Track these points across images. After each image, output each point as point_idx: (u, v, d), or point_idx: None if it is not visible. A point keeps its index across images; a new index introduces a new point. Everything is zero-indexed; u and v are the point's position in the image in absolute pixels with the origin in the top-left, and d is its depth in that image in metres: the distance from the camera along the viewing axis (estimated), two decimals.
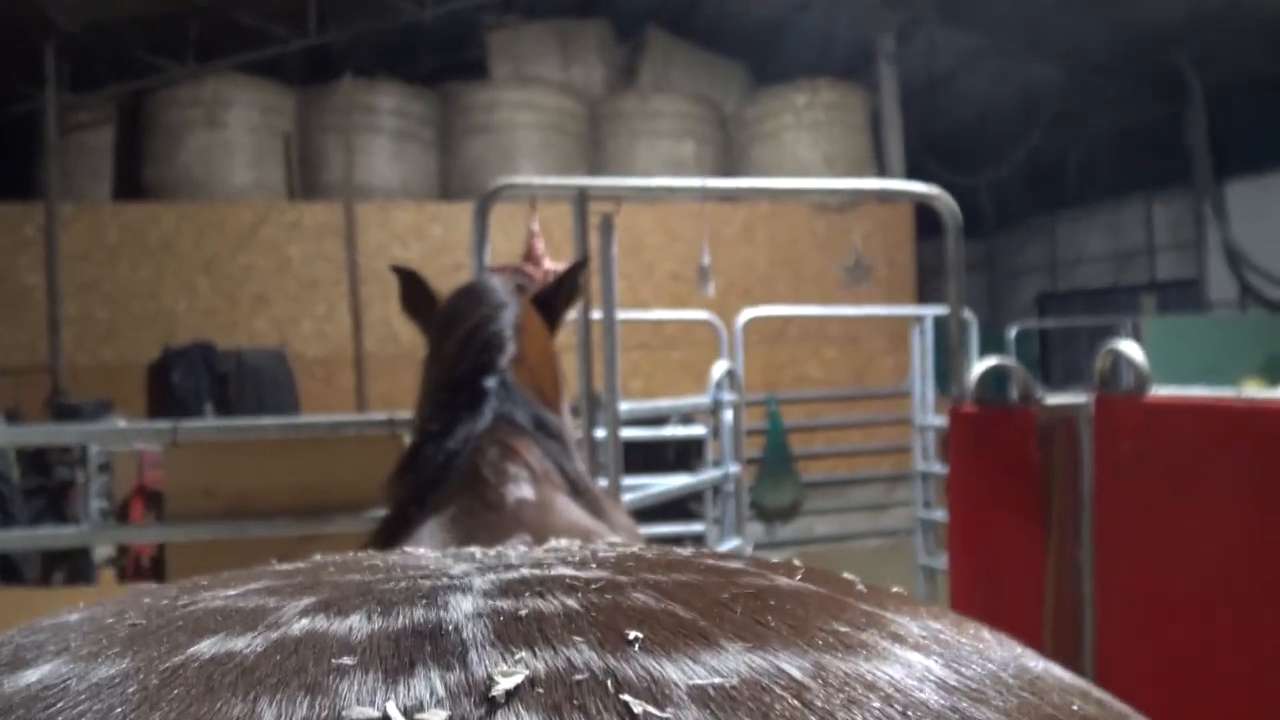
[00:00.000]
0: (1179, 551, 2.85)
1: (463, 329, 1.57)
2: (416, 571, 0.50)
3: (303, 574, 0.51)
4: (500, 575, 0.48)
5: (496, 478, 1.25)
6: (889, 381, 10.49)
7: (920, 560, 6.13)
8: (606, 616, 0.42)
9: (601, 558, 0.52)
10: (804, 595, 0.47)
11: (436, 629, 0.41)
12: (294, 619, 0.43)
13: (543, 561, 0.51)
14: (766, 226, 10.19)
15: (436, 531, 1.17)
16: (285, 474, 2.76)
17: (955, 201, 3.41)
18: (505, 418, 1.40)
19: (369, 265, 9.11)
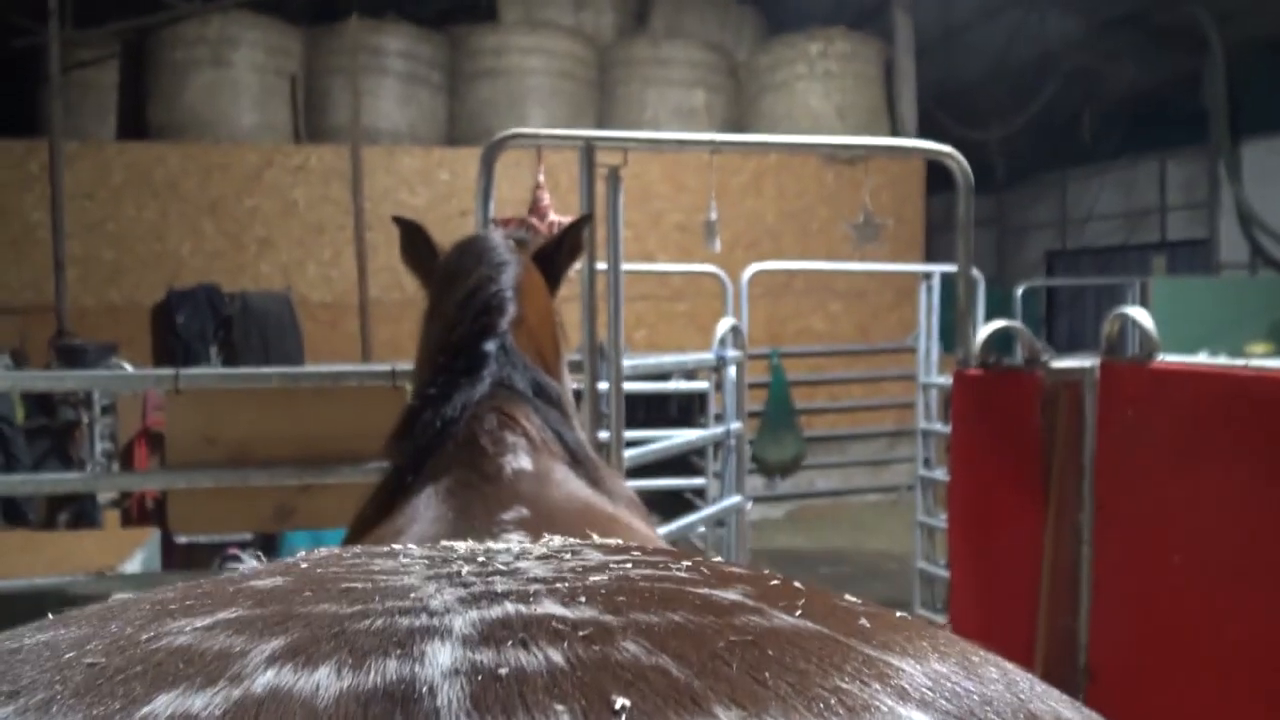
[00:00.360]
0: (1181, 519, 2.85)
1: (462, 288, 1.54)
2: (395, 603, 0.47)
3: (276, 600, 0.48)
4: (484, 613, 0.45)
5: (494, 447, 1.24)
6: (894, 336, 10.46)
7: (920, 517, 6.15)
8: (593, 677, 0.39)
9: (592, 587, 0.49)
10: (805, 640, 0.44)
11: (409, 692, 0.38)
12: (259, 669, 0.40)
13: (528, 593, 0.48)
14: (775, 178, 10.10)
15: (432, 502, 1.16)
16: (287, 423, 2.76)
17: (967, 160, 3.37)
18: (504, 383, 1.38)
19: (375, 210, 9.05)
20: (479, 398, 1.33)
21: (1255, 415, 2.63)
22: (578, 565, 0.54)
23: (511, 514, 1.05)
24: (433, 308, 1.69)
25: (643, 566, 0.54)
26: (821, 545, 8.96)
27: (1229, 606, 2.68)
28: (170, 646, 0.43)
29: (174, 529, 2.78)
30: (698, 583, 0.51)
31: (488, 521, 1.04)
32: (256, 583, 0.52)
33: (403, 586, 0.50)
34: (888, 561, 8.23)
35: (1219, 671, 2.69)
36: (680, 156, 9.57)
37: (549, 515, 1.08)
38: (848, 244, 10.13)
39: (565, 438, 1.34)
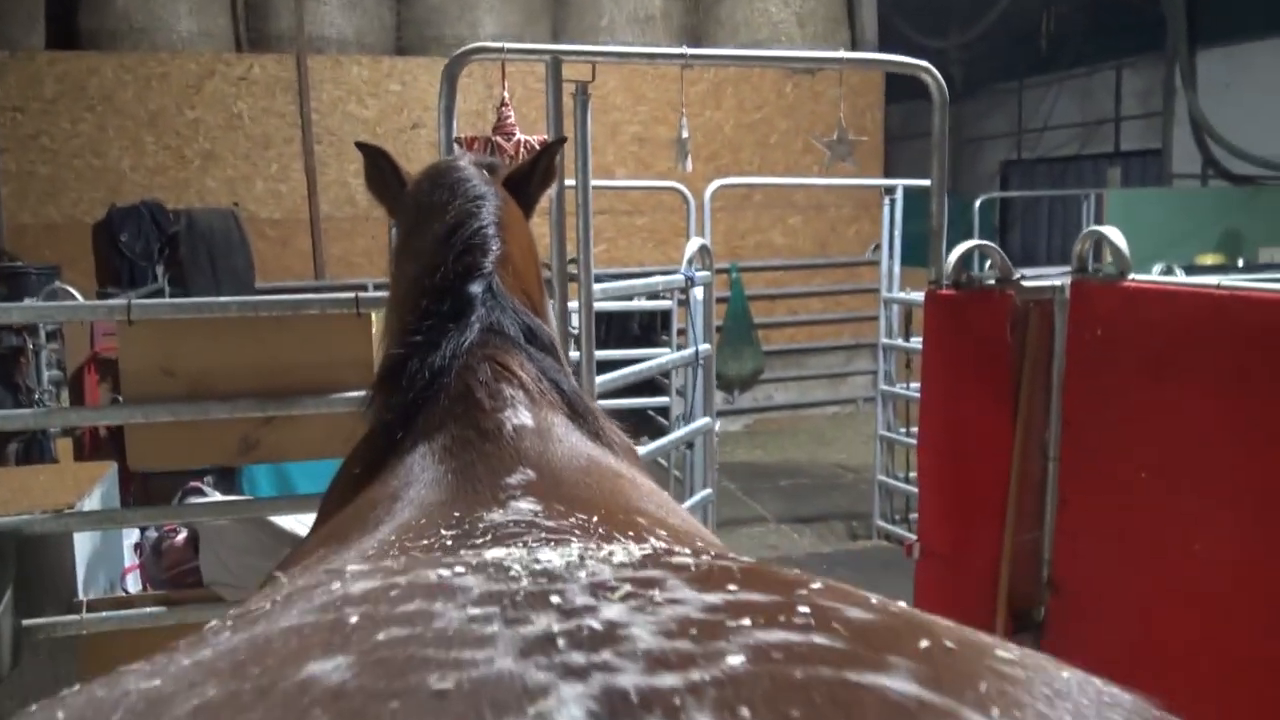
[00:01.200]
0: (1148, 437, 2.88)
1: (440, 224, 1.46)
2: (510, 712, 0.37)
3: (361, 692, 0.39)
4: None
5: (492, 401, 1.17)
6: (853, 250, 10.45)
7: (880, 431, 6.22)
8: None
9: (739, 681, 0.39)
10: None
11: None
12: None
13: (672, 702, 0.38)
14: (734, 89, 9.92)
15: (429, 462, 1.10)
16: (247, 353, 2.67)
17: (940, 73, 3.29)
18: (494, 329, 1.31)
19: (323, 123, 8.77)
20: (469, 345, 1.26)
21: (1225, 334, 2.64)
22: (685, 620, 0.45)
23: (517, 477, 1.00)
24: (405, 243, 1.60)
25: (765, 624, 0.45)
26: (780, 458, 9.06)
27: (1194, 522, 2.73)
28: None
29: (133, 465, 2.70)
30: (852, 661, 0.42)
31: (492, 486, 0.98)
32: (315, 668, 0.42)
33: (504, 681, 0.40)
34: (845, 474, 8.36)
35: (1183, 585, 2.75)
36: (638, 68, 9.35)
37: (554, 476, 1.03)
38: (808, 156, 10.05)
39: (563, 387, 1.28)
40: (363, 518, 1.00)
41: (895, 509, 6.46)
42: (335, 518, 1.13)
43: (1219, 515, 2.65)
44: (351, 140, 8.48)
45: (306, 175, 8.63)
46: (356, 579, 0.53)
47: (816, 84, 9.98)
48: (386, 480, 1.11)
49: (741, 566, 0.56)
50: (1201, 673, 2.66)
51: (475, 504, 0.91)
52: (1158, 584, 2.85)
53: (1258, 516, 2.53)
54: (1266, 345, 2.52)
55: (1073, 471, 3.18)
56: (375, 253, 8.76)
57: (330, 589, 0.53)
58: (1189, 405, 2.75)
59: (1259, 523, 2.53)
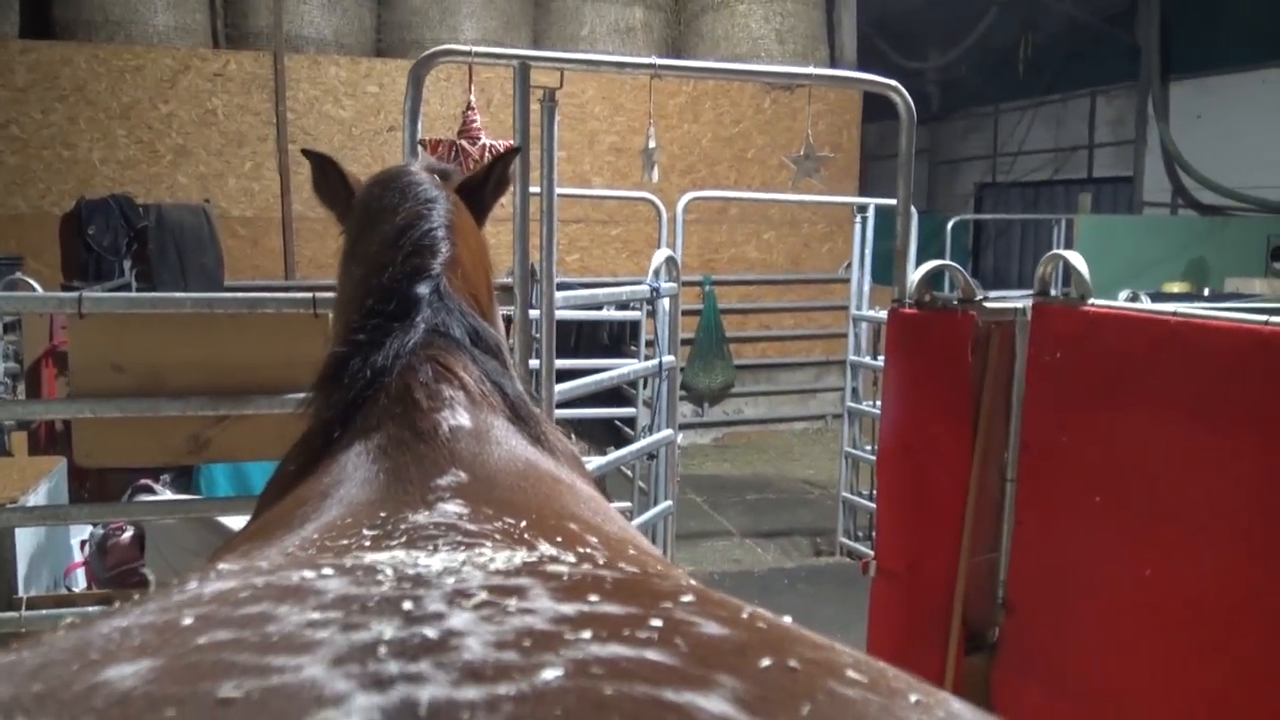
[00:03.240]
0: (1104, 460, 2.90)
1: (389, 226, 1.45)
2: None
3: (144, 698, 0.38)
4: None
5: (430, 402, 1.16)
6: (826, 267, 10.49)
7: (845, 448, 6.23)
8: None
9: (539, 697, 0.39)
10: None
11: None
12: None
13: (461, 711, 0.38)
14: (713, 103, 9.95)
15: (362, 461, 1.08)
16: (201, 350, 2.64)
17: (905, 90, 3.31)
18: (440, 330, 1.29)
19: (299, 122, 8.70)
20: (412, 346, 1.25)
21: (1180, 361, 2.66)
22: (525, 631, 0.45)
23: (448, 479, 0.98)
24: (353, 247, 1.58)
25: (605, 638, 0.45)
26: (748, 472, 9.06)
27: (1146, 545, 2.74)
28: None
29: (80, 460, 2.65)
30: (676, 677, 0.41)
31: (422, 487, 0.96)
32: (113, 672, 0.41)
33: (301, 691, 0.39)
34: (812, 490, 8.37)
35: (1134, 608, 2.77)
36: (617, 77, 9.35)
37: (488, 479, 1.01)
38: (784, 172, 10.08)
39: (506, 390, 1.27)
40: (290, 515, 0.98)
41: (859, 526, 6.46)
42: (265, 515, 1.11)
43: (1172, 540, 2.66)
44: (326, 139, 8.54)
45: (280, 174, 8.56)
46: (219, 579, 0.52)
47: (795, 100, 10.03)
48: (319, 478, 1.09)
49: (620, 577, 0.55)
50: (1153, 695, 2.67)
51: (402, 504, 0.90)
52: (1111, 608, 2.86)
53: (1210, 542, 2.55)
54: (1220, 372, 2.54)
55: (1029, 493, 3.19)
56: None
57: (185, 588, 0.52)
58: (1144, 430, 2.77)
59: (1211, 548, 2.54)
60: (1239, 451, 2.49)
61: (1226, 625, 2.50)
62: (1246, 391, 2.47)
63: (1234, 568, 2.48)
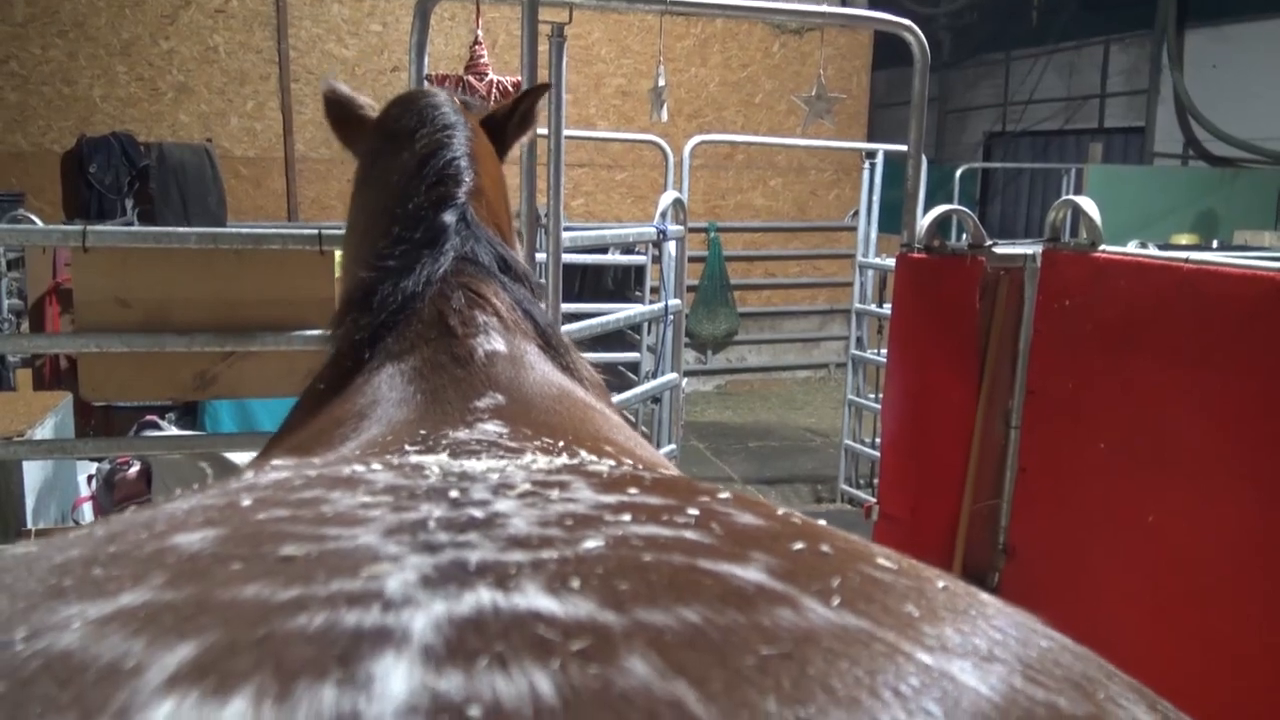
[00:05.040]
0: (1109, 408, 2.89)
1: (409, 153, 1.43)
2: (343, 584, 0.37)
3: (197, 576, 0.39)
4: (452, 606, 0.36)
5: (464, 328, 1.15)
6: (832, 215, 10.42)
7: (849, 396, 6.23)
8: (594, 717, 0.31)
9: (586, 561, 0.40)
10: (850, 649, 0.36)
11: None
12: (155, 698, 0.30)
13: (508, 573, 0.39)
14: (721, 46, 9.81)
15: (397, 382, 1.08)
16: (206, 286, 2.62)
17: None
18: (468, 258, 1.29)
19: (301, 61, 8.59)
20: (443, 272, 1.24)
21: (1193, 308, 2.64)
22: (567, 514, 0.46)
23: (486, 401, 0.99)
24: (369, 170, 1.57)
25: (644, 520, 0.45)
26: (750, 420, 9.08)
27: (1150, 492, 2.75)
28: (50, 654, 0.33)
29: (85, 395, 2.65)
30: (712, 552, 0.42)
31: (461, 408, 0.97)
32: (181, 538, 0.43)
33: (357, 551, 0.41)
34: (814, 438, 8.39)
35: (1136, 553, 2.78)
36: (624, 17, 9.21)
37: (525, 402, 1.01)
38: (792, 118, 9.96)
39: (536, 318, 1.27)
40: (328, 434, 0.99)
41: (861, 474, 6.49)
42: (298, 433, 1.11)
43: (1175, 487, 2.67)
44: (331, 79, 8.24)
45: (282, 114, 8.48)
46: (273, 471, 0.54)
47: (804, 45, 9.89)
48: (352, 399, 1.09)
49: (658, 477, 0.56)
50: (1151, 641, 2.70)
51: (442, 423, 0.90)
52: (1111, 554, 2.88)
53: (1213, 488, 2.55)
54: (1228, 319, 2.53)
55: (1034, 441, 3.19)
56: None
57: (242, 479, 0.54)
58: (1151, 377, 2.76)
59: (1214, 495, 2.55)
60: (1248, 398, 2.49)
61: (1230, 571, 2.51)
62: (1258, 339, 2.45)
63: (1239, 513, 2.48)
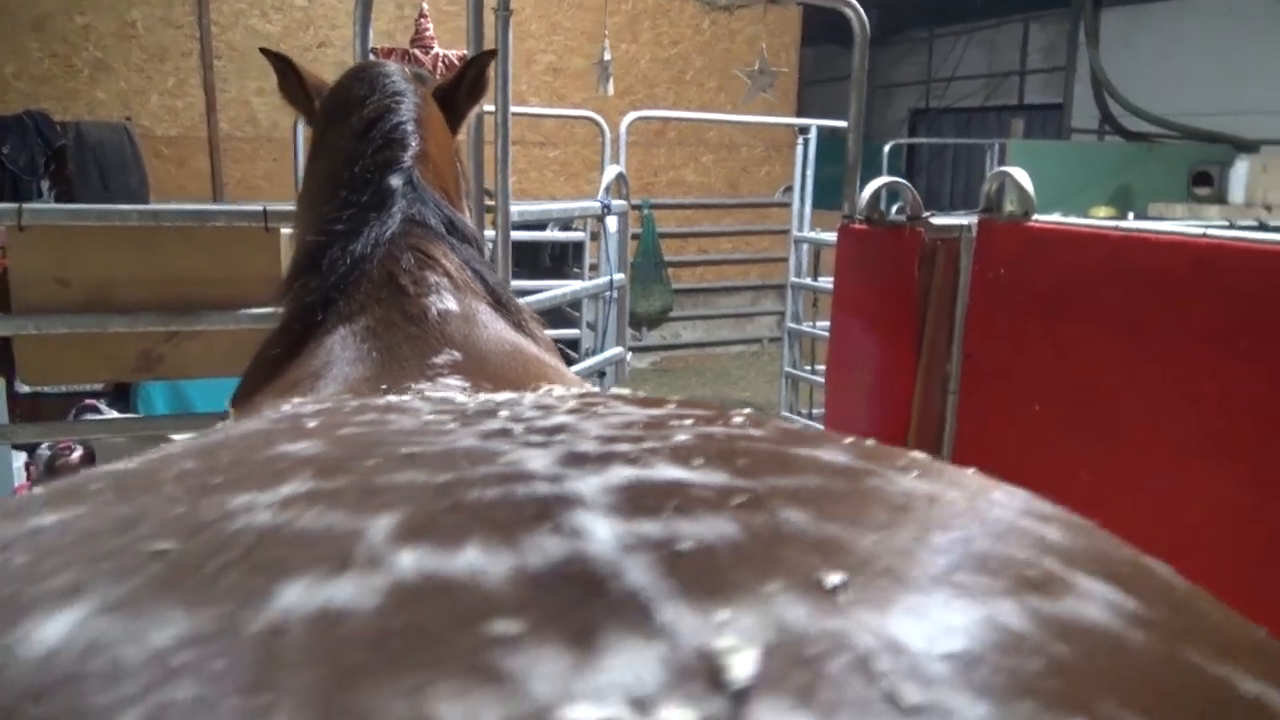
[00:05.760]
0: (1044, 373, 3.00)
1: (358, 119, 1.44)
2: (489, 469, 0.38)
3: (340, 470, 0.39)
4: (603, 478, 0.37)
5: (416, 287, 1.17)
6: (763, 190, 10.52)
7: (785, 368, 6.33)
8: (782, 550, 0.33)
9: (693, 446, 0.42)
10: (941, 500, 0.40)
11: (590, 574, 0.31)
12: (390, 550, 0.32)
13: (631, 455, 0.40)
14: (651, 22, 9.81)
15: (350, 342, 1.09)
16: (149, 265, 2.58)
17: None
18: (416, 220, 1.30)
19: (224, 37, 8.37)
20: (391, 234, 1.25)
21: (1123, 275, 2.75)
22: (631, 422, 0.47)
23: (444, 357, 1.00)
24: (320, 139, 1.58)
25: (707, 423, 0.48)
26: (686, 395, 9.13)
27: (1081, 453, 2.86)
28: (254, 527, 0.34)
29: (26, 380, 2.59)
30: (789, 440, 0.46)
31: (419, 364, 0.98)
32: (291, 448, 0.43)
33: (473, 449, 0.41)
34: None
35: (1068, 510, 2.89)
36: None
37: (480, 359, 1.03)
38: (722, 95, 10.03)
39: (486, 278, 1.28)
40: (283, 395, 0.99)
41: None
42: (254, 398, 1.11)
43: (1106, 447, 2.78)
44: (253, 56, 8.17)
45: (205, 91, 8.27)
46: (304, 404, 0.54)
47: (734, 22, 9.94)
48: (306, 361, 1.10)
49: (681, 399, 0.58)
50: None
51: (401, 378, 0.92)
52: None
53: (1143, 449, 2.67)
54: (1157, 286, 2.64)
55: (970, 405, 3.30)
56: (278, 176, 8.46)
57: (279, 410, 0.54)
58: (1084, 344, 2.87)
59: (1144, 454, 2.67)
60: (1174, 363, 2.60)
61: (1156, 529, 2.63)
62: (1184, 304, 2.57)
63: (1167, 474, 2.61)
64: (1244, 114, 9.98)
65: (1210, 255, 2.53)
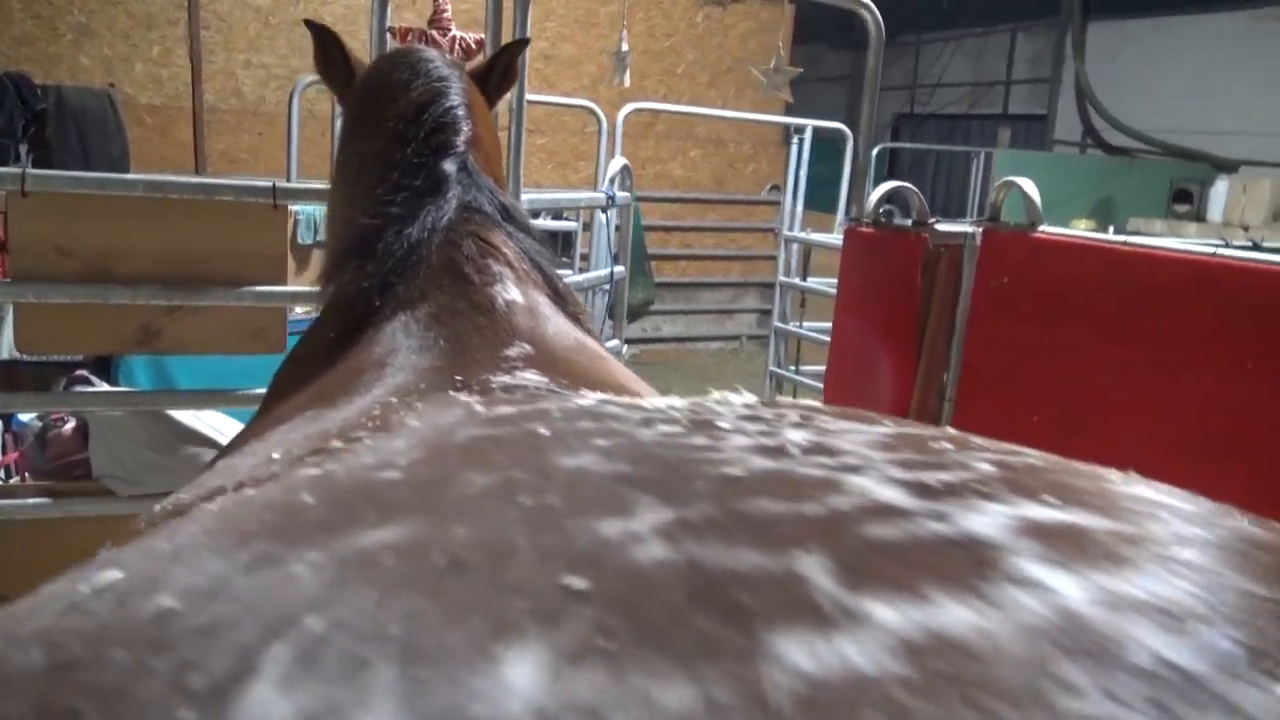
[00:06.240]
0: (1042, 382, 3.02)
1: (405, 101, 1.41)
2: (823, 489, 0.38)
3: (657, 479, 0.38)
4: (986, 516, 0.37)
5: (481, 276, 1.14)
6: (748, 188, 10.52)
7: (771, 367, 6.34)
8: None
9: (1010, 474, 0.42)
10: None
11: (1104, 637, 0.29)
12: (857, 601, 0.30)
13: (983, 489, 0.41)
14: (644, 14, 9.77)
15: (414, 329, 1.06)
16: (152, 237, 2.53)
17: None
18: (472, 206, 1.28)
19: (212, 6, 8.24)
20: (448, 221, 1.23)
21: (1127, 288, 2.77)
22: (893, 441, 0.46)
23: (516, 350, 0.98)
24: (359, 120, 1.55)
25: (966, 446, 0.49)
26: (664, 390, 9.12)
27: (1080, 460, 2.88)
28: (664, 563, 0.32)
29: (21, 348, 2.54)
30: (1062, 471, 0.48)
31: (491, 355, 0.96)
32: (583, 463, 0.40)
33: (789, 472, 0.40)
34: None
35: None
36: None
37: (550, 353, 1.01)
38: (713, 90, 10.01)
39: (544, 267, 1.27)
40: (348, 383, 0.97)
41: None
42: (317, 382, 1.08)
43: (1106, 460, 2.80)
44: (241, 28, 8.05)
45: (191, 61, 8.14)
46: (498, 404, 0.52)
47: (728, 17, 9.93)
48: (368, 348, 1.07)
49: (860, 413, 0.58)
50: None
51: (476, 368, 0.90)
52: None
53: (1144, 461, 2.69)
54: (1163, 301, 2.66)
55: (967, 413, 3.31)
56: (262, 150, 8.35)
57: (472, 409, 0.52)
58: (1084, 354, 2.89)
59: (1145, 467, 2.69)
60: (1176, 375, 2.63)
61: None
62: (1188, 320, 2.59)
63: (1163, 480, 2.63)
64: (1224, 134, 10.12)
65: (1217, 273, 2.55)
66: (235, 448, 0.99)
